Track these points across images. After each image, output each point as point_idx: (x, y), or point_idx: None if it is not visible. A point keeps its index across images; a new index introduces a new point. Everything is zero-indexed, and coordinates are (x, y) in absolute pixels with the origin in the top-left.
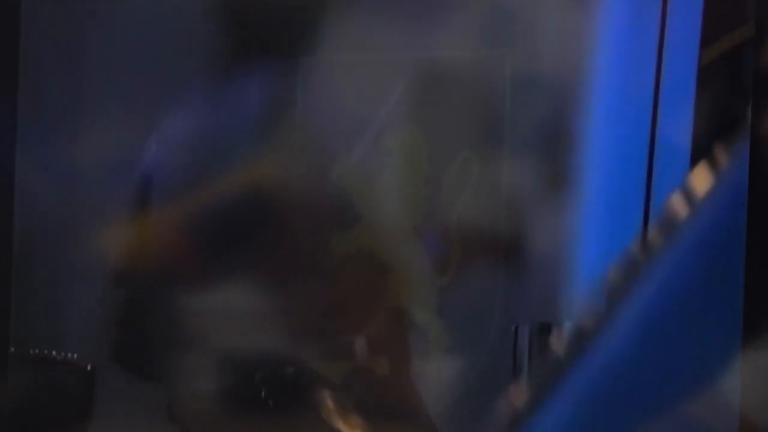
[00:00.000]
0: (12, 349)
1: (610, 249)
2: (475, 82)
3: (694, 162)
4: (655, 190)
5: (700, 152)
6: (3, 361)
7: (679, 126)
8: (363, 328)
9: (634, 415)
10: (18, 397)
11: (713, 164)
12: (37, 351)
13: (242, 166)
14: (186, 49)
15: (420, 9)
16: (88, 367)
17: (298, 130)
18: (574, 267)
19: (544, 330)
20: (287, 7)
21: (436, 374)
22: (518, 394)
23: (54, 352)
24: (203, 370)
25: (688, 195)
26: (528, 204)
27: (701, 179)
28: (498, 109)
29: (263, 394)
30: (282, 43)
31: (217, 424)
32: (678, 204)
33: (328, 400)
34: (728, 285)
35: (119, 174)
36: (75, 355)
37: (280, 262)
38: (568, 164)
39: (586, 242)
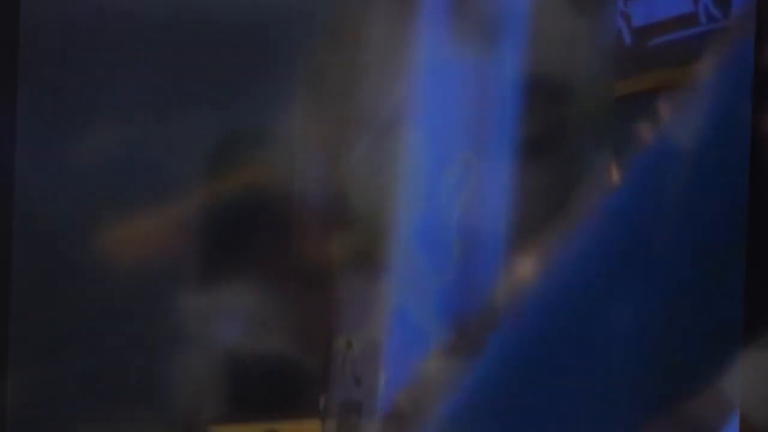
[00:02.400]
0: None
1: None
2: (477, 81)
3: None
4: None
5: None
6: (3, 361)
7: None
8: (361, 329)
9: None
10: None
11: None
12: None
13: (241, 165)
14: (188, 48)
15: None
16: None
17: (297, 129)
18: None
19: None
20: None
21: (436, 374)
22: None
23: None
24: (202, 372)
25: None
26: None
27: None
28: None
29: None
30: (282, 43)
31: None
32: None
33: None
34: None
35: (121, 173)
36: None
37: (278, 262)
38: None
39: None
